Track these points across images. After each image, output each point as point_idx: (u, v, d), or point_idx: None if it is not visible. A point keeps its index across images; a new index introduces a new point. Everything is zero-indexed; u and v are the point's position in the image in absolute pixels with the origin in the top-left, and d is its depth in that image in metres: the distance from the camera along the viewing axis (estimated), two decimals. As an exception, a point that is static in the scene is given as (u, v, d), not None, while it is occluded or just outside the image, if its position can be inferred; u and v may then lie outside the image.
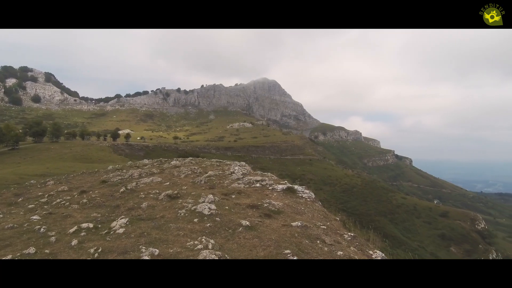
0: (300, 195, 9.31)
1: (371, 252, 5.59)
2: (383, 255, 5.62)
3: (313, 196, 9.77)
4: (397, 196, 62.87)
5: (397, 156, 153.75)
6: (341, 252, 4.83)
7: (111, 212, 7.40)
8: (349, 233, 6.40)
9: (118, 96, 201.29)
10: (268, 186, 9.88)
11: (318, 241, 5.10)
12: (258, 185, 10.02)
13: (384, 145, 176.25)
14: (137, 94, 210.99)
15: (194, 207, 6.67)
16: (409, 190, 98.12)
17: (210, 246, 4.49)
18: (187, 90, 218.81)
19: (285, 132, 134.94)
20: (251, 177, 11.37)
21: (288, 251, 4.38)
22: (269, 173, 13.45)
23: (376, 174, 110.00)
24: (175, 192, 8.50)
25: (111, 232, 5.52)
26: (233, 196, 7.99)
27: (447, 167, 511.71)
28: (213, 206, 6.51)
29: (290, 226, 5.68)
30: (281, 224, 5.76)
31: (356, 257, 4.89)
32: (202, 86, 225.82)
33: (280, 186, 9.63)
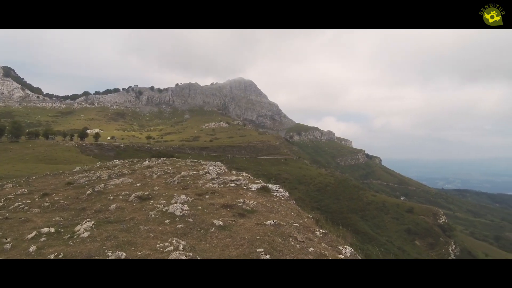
0: (275, 194, 9.40)
1: (341, 247, 5.77)
2: (352, 250, 5.82)
3: (287, 195, 9.90)
4: (367, 194, 65.73)
5: (367, 155, 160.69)
6: (312, 249, 4.94)
7: (75, 216, 7.00)
8: (320, 230, 6.56)
9: (86, 94, 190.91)
10: (243, 185, 9.87)
11: (291, 239, 5.17)
12: (233, 184, 9.98)
13: (355, 145, 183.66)
14: (108, 91, 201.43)
15: (166, 208, 6.49)
16: (379, 188, 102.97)
17: (181, 247, 4.39)
18: (161, 88, 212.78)
19: (261, 132, 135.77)
20: (226, 177, 11.30)
21: (260, 249, 4.40)
22: (244, 173, 13.45)
23: (348, 173, 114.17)
24: (146, 193, 8.22)
25: (75, 237, 5.21)
26: (207, 196, 7.89)
27: (413, 165, 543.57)
28: (185, 207, 6.38)
29: (264, 224, 5.71)
30: (255, 223, 5.77)
31: (327, 253, 5.02)
32: (177, 84, 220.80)
33: (255, 186, 9.65)
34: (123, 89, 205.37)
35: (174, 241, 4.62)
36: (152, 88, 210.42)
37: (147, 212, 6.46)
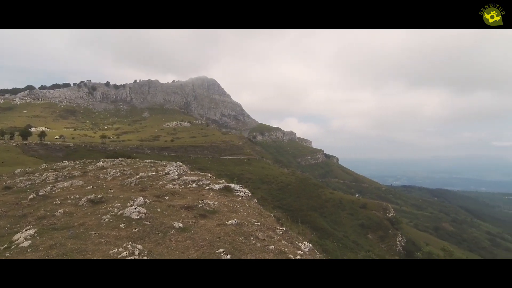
0: (237, 194, 9.42)
1: (300, 244, 5.98)
2: (310, 246, 6.07)
3: (250, 194, 9.98)
4: (326, 191, 68.90)
5: (326, 155, 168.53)
6: (273, 246, 5.05)
7: (15, 223, 6.27)
8: (281, 228, 6.73)
9: (30, 88, 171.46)
10: (204, 186, 9.74)
11: (252, 238, 5.23)
12: (194, 185, 9.80)
13: (315, 145, 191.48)
14: (56, 86, 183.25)
15: (121, 211, 6.13)
16: (336, 185, 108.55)
17: (137, 252, 4.18)
18: (118, 84, 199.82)
19: (224, 132, 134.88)
20: (188, 177, 11.05)
21: (221, 250, 4.38)
22: (206, 173, 13.27)
23: (308, 172, 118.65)
24: (99, 196, 7.68)
25: (13, 247, 4.67)
26: (167, 198, 7.62)
27: (367, 164, 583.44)
28: (143, 209, 6.09)
29: (225, 225, 5.69)
30: (216, 223, 5.73)
31: (287, 250, 5.17)
32: (135, 81, 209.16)
33: (217, 186, 9.58)
34: (74, 84, 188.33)
35: (129, 246, 4.38)
36: (107, 84, 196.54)
37: (100, 216, 6.03)
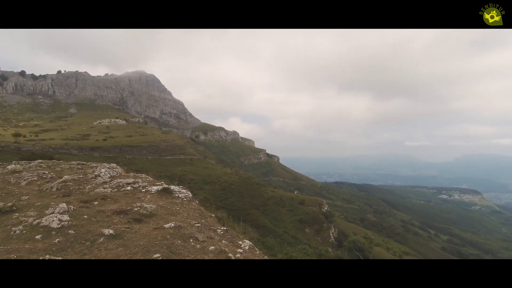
0: (177, 195, 9.12)
1: (240, 242, 6.10)
2: (250, 243, 6.23)
3: (191, 195, 9.76)
4: (267, 190, 71.26)
5: (268, 154, 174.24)
6: (213, 247, 5.05)
7: None
8: (222, 228, 6.75)
9: None
10: (141, 188, 9.18)
11: (191, 240, 5.13)
12: (129, 188, 9.14)
13: (258, 145, 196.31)
14: None
15: (37, 220, 5.35)
16: (277, 184, 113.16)
17: (57, 266, 3.71)
18: (37, 75, 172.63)
19: (164, 131, 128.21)
20: (122, 179, 10.25)
21: (158, 255, 4.19)
22: (143, 175, 12.50)
23: (251, 171, 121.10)
24: (9, 204, 6.57)
25: None
26: (96, 203, 6.94)
27: (304, 162, 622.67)
28: (65, 217, 5.42)
29: (163, 228, 5.46)
30: (153, 227, 5.45)
31: (227, 249, 5.22)
32: (60, 72, 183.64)
33: (155, 188, 9.13)
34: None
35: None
36: (22, 73, 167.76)
37: (9, 228, 5.17)
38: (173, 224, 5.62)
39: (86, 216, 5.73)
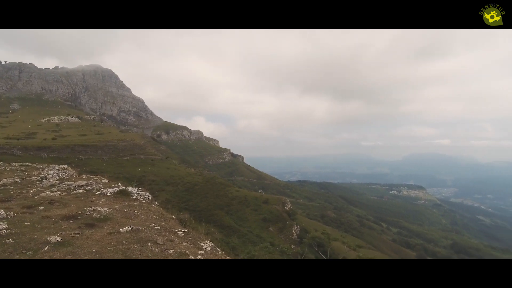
0: (135, 197, 8.74)
1: (202, 243, 6.03)
2: (212, 244, 6.19)
3: (150, 197, 9.41)
4: (232, 189, 71.02)
5: (232, 154, 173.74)
6: (173, 250, 4.93)
7: None
8: (183, 230, 6.61)
9: None
10: (95, 191, 8.62)
11: (149, 243, 4.95)
12: (81, 191, 8.53)
13: (222, 144, 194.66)
14: None
15: (-32, 230, 4.74)
16: (242, 183, 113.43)
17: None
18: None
19: (123, 130, 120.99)
20: (73, 182, 9.54)
21: (112, 261, 3.97)
22: (98, 176, 11.75)
23: (216, 171, 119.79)
24: None
25: None
26: (41, 208, 6.35)
27: (269, 162, 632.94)
28: (3, 225, 4.87)
29: (118, 232, 5.18)
30: (107, 232, 5.15)
31: (187, 251, 5.13)
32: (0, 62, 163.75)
33: (111, 190, 8.64)
34: None
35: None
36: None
37: None
38: (129, 228, 5.37)
39: (28, 223, 5.21)
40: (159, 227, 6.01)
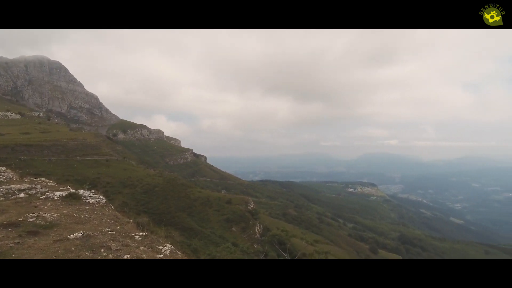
0: (87, 201, 8.18)
1: (161, 247, 5.87)
2: (171, 247, 6.06)
3: (104, 200, 8.90)
4: (194, 190, 69.47)
5: (195, 154, 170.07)
6: (129, 255, 4.73)
7: None
8: (140, 234, 6.37)
9: None
10: (39, 195, 7.90)
11: (103, 249, 4.69)
12: (22, 195, 7.76)
13: (184, 144, 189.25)
14: None
15: None
16: (204, 184, 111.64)
17: None
18: None
19: (74, 128, 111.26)
20: (12, 185, 8.63)
21: (59, 270, 3.69)
22: (43, 179, 10.77)
23: (177, 171, 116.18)
24: None
25: None
26: (-27, 216, 5.64)
27: (232, 162, 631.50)
28: None
29: (67, 239, 4.82)
30: (54, 240, 4.76)
31: (145, 256, 4.96)
32: None
33: (59, 194, 7.99)
34: None
35: None
36: None
37: None
38: (80, 234, 5.02)
39: (-44, 234, 4.61)
40: (113, 232, 5.72)
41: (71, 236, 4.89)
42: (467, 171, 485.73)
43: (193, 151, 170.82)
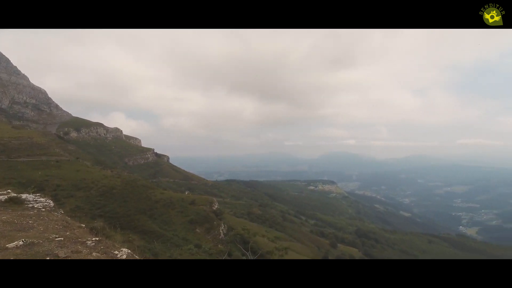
0: (31, 205, 7.52)
1: (116, 252, 5.61)
2: (128, 251, 5.83)
3: (52, 204, 8.25)
4: (156, 192, 66.66)
5: (157, 154, 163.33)
6: (79, 262, 4.46)
7: None
8: (94, 239, 6.03)
9: None
10: (-28, 201, 7.05)
11: (48, 258, 4.37)
12: (-50, 202, 6.86)
13: (145, 144, 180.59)
14: None
15: None
16: (167, 185, 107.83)
17: None
18: None
19: (17, 126, 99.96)
20: None
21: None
22: (-22, 183, 9.61)
23: (137, 172, 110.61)
24: None
25: None
26: None
27: (196, 161, 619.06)
28: None
29: (5, 249, 4.41)
30: (-11, 250, 4.31)
31: (98, 262, 4.72)
32: None
33: (-3, 199, 7.22)
34: None
35: None
36: None
37: None
38: (21, 242, 4.61)
39: None
40: (62, 238, 5.35)
41: (11, 245, 4.47)
42: (414, 168, 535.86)
43: (155, 151, 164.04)
